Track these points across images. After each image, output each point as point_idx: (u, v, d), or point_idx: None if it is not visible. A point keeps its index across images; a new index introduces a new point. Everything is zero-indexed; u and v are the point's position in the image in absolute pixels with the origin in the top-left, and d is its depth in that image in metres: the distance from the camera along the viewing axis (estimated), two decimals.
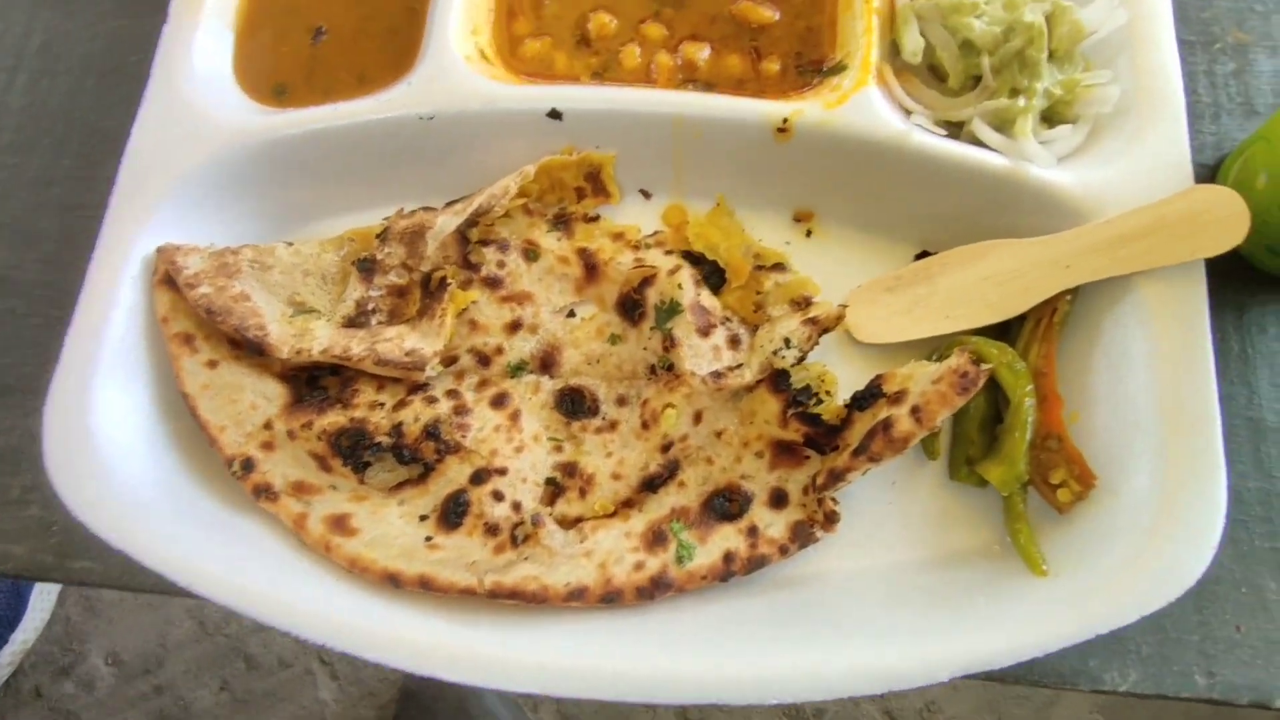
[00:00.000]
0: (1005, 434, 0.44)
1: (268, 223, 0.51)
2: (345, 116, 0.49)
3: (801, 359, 0.45)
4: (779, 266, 0.49)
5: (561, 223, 0.51)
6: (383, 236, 0.48)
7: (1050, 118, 0.48)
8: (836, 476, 0.42)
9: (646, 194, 0.52)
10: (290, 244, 0.49)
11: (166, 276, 0.46)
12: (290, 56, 0.52)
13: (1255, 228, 0.46)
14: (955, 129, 0.49)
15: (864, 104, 0.47)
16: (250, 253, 0.48)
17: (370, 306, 0.48)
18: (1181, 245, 0.42)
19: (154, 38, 0.51)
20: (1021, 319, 0.46)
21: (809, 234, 0.51)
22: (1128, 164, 0.45)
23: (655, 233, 0.51)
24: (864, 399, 0.43)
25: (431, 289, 0.48)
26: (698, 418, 0.45)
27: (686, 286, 0.47)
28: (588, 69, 0.51)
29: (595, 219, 0.51)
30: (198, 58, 0.50)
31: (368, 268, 0.48)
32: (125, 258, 0.46)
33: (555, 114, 0.48)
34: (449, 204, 0.50)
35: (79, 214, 0.52)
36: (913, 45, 0.48)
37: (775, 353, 0.44)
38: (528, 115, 0.48)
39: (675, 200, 0.52)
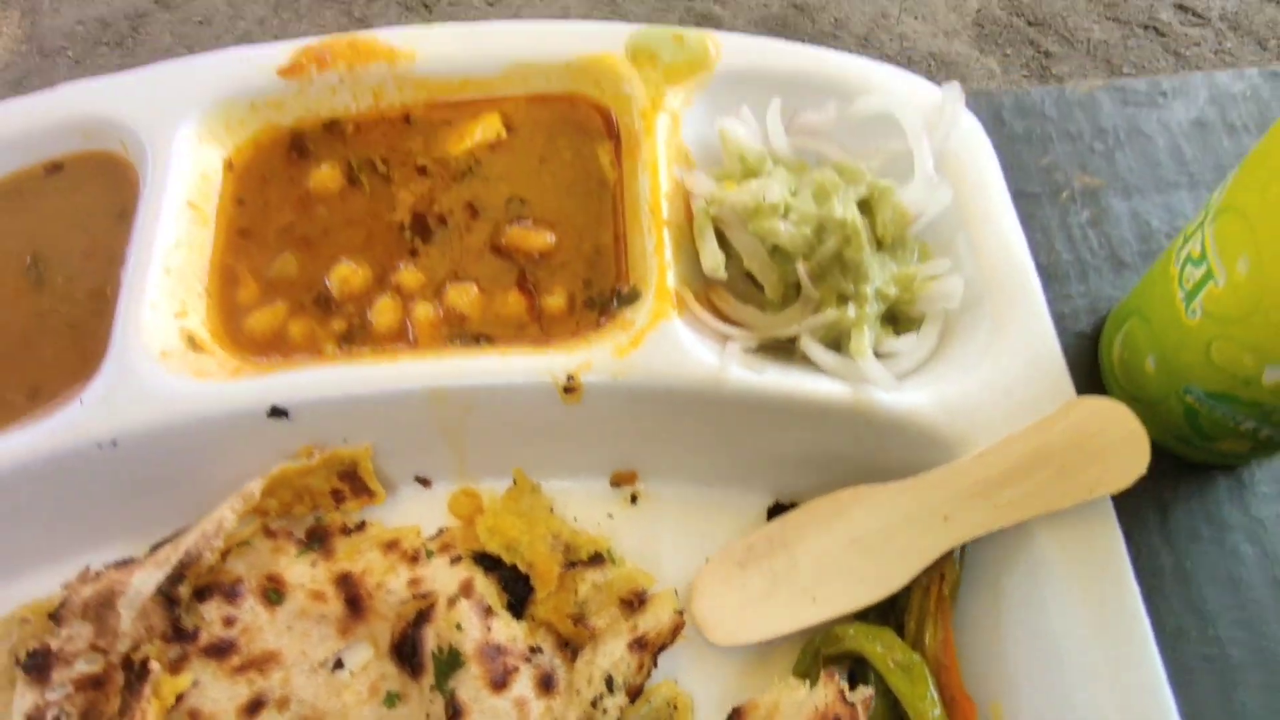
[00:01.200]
0: None
1: None
2: (4, 451, 0.37)
3: (637, 695, 0.34)
4: (597, 559, 0.38)
5: (317, 541, 0.39)
6: (58, 616, 0.35)
7: (896, 318, 0.40)
8: None
9: (425, 481, 0.41)
10: None
11: None
12: None
13: (1159, 418, 0.38)
14: (787, 348, 0.40)
15: (663, 342, 0.37)
16: None
17: (53, 717, 0.35)
18: (1074, 482, 0.33)
19: None
20: (908, 589, 0.36)
21: (634, 499, 0.41)
22: (990, 370, 0.37)
23: (440, 531, 0.40)
24: None
25: (135, 676, 0.35)
26: None
27: (469, 623, 0.35)
28: (332, 336, 0.41)
29: (361, 528, 0.39)
30: None
31: (38, 665, 0.35)
32: None
33: (278, 411, 0.37)
34: (154, 547, 0.38)
35: None
36: (713, 260, 0.39)
37: (596, 703, 0.33)
38: (245, 417, 0.37)
39: (462, 484, 0.41)
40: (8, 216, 0.44)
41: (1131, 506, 0.36)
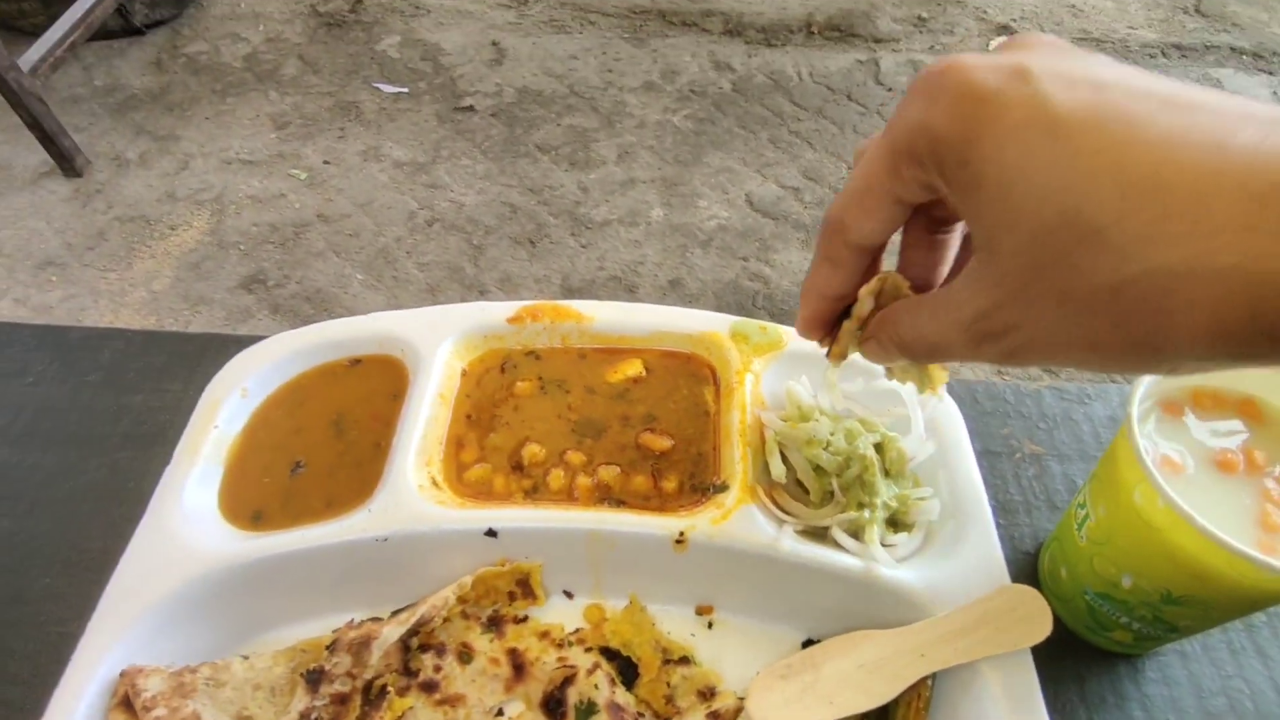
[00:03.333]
0: None
1: (228, 634, 0.57)
2: (311, 540, 0.57)
3: None
4: (685, 660, 0.56)
5: (494, 624, 0.58)
6: (332, 647, 0.54)
7: (896, 522, 0.60)
8: None
9: (570, 595, 0.60)
10: (246, 657, 0.54)
11: (125, 699, 0.50)
12: (270, 487, 0.62)
13: (1070, 612, 0.56)
14: (822, 533, 0.60)
15: (743, 518, 0.58)
16: (207, 670, 0.53)
17: (313, 717, 0.52)
18: (1005, 637, 0.51)
19: (153, 466, 0.61)
20: (896, 702, 0.53)
21: (710, 625, 0.59)
22: (956, 564, 0.56)
23: (577, 630, 0.58)
24: None
25: (371, 696, 0.53)
26: None
27: (602, 686, 0.53)
28: (521, 490, 0.62)
29: (524, 620, 0.58)
30: (188, 494, 0.59)
31: (314, 679, 0.53)
32: (91, 679, 0.50)
33: (491, 533, 0.58)
34: (394, 613, 0.57)
35: (50, 631, 0.57)
36: (777, 470, 0.61)
37: None
38: (468, 534, 0.58)
39: (594, 600, 0.60)
40: (324, 389, 0.68)
41: (1056, 675, 0.54)
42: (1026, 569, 0.62)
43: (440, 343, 0.68)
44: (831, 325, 0.41)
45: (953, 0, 3.14)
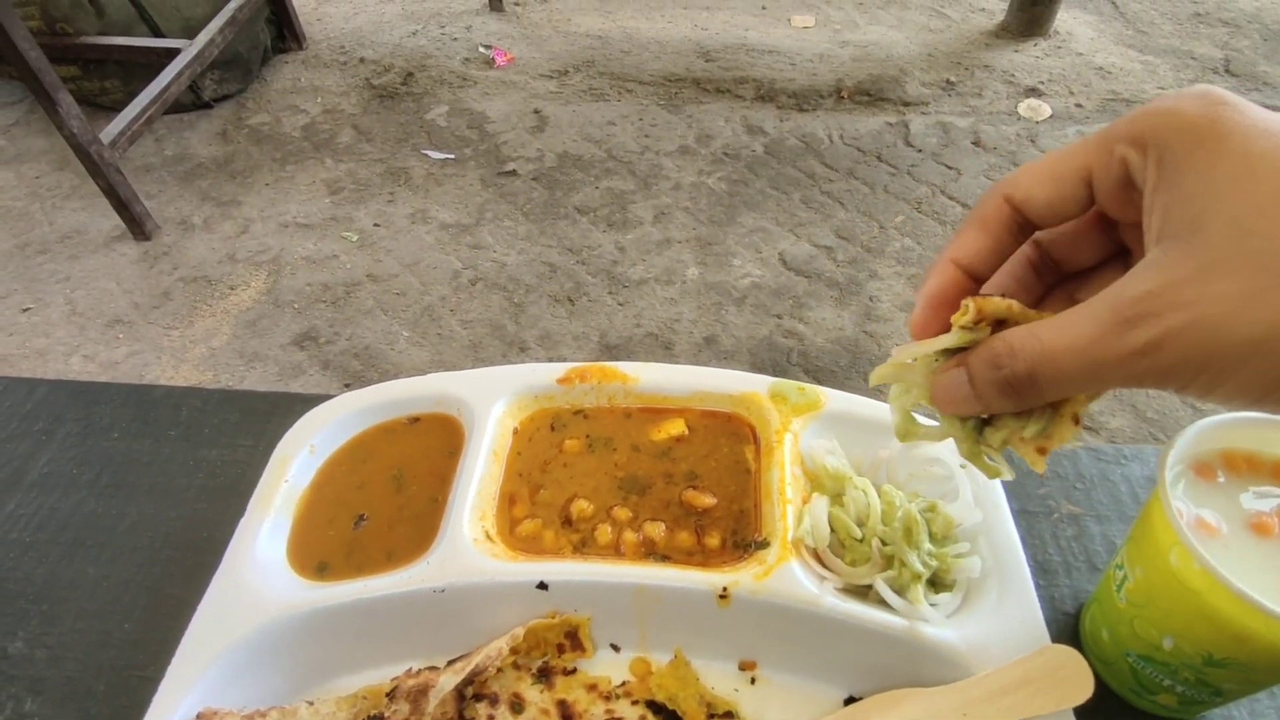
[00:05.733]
0: None
1: (295, 680, 0.60)
2: (373, 590, 0.61)
3: None
4: (728, 714, 0.57)
5: (544, 676, 0.60)
6: (392, 695, 0.57)
7: (937, 582, 0.62)
8: None
9: (616, 648, 0.62)
10: (311, 703, 0.57)
11: None
12: (335, 539, 0.66)
13: (1114, 674, 0.56)
14: (863, 592, 0.61)
15: (785, 575, 0.60)
16: (276, 715, 0.56)
17: None
18: (1047, 698, 0.52)
19: (227, 516, 0.66)
20: None
21: (753, 681, 0.60)
22: (997, 623, 0.57)
23: (624, 683, 0.60)
24: None
25: None
26: None
27: None
28: (570, 544, 0.65)
29: (573, 672, 0.60)
30: (260, 546, 0.63)
31: None
32: None
33: (543, 585, 0.61)
34: (450, 662, 0.60)
35: (130, 675, 0.61)
36: (820, 529, 0.63)
37: None
38: (520, 587, 0.61)
39: (641, 654, 0.62)
40: (386, 446, 0.72)
41: None
42: (1068, 630, 0.62)
43: (494, 402, 0.72)
44: (952, 308, 0.35)
45: (980, 64, 3.21)
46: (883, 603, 0.59)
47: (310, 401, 0.74)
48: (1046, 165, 0.35)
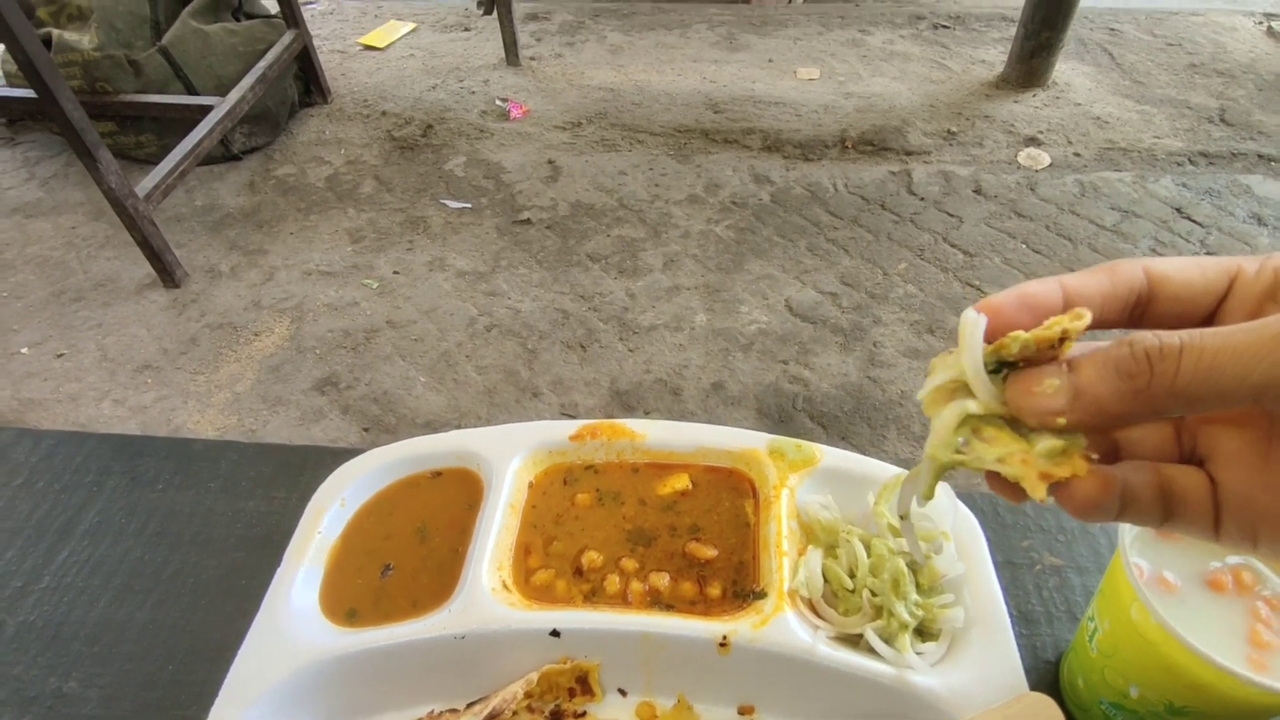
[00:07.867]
0: None
1: None
2: (399, 637, 0.65)
3: None
4: None
5: (556, 718, 0.64)
6: None
7: (923, 632, 0.66)
8: None
9: (624, 692, 0.67)
10: None
11: None
12: (363, 587, 0.71)
13: (1092, 718, 0.60)
14: (856, 639, 0.66)
15: (781, 624, 0.64)
16: None
17: None
18: None
19: (262, 565, 0.71)
20: None
21: None
22: (978, 671, 0.61)
23: None
24: None
25: None
26: None
27: None
28: (581, 593, 0.70)
29: (583, 715, 0.65)
30: (295, 594, 0.68)
31: None
32: None
33: (555, 633, 0.65)
34: (470, 704, 0.64)
35: (175, 715, 0.66)
36: (814, 582, 0.67)
37: None
38: (534, 634, 0.65)
39: (646, 698, 0.66)
40: (408, 500, 0.78)
41: None
42: (1048, 677, 0.66)
43: (511, 458, 0.78)
44: (1034, 317, 0.32)
45: (980, 115, 3.31)
46: (873, 651, 0.64)
47: (339, 455, 0.80)
48: (1193, 257, 0.33)
